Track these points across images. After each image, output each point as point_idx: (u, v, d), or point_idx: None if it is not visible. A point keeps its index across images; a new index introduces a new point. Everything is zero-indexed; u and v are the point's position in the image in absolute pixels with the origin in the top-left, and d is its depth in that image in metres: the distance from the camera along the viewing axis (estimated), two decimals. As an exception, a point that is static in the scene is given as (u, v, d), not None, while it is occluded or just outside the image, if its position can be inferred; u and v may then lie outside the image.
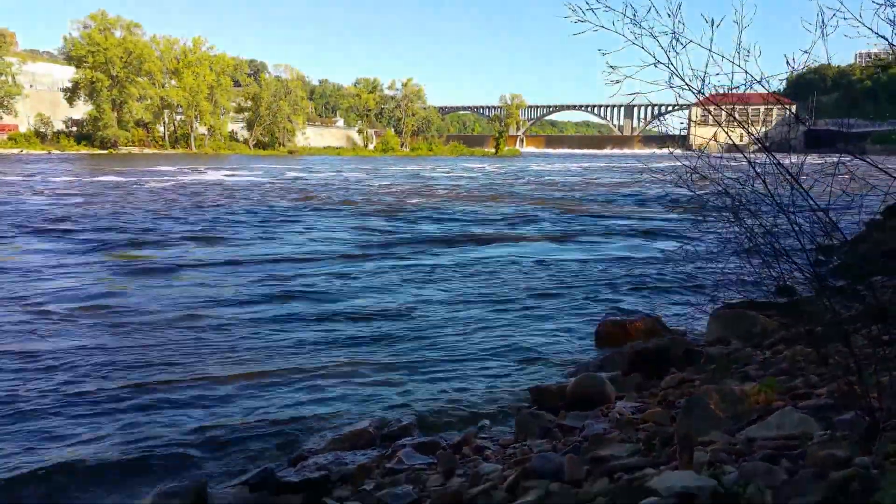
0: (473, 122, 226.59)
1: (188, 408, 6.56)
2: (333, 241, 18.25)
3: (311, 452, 5.49)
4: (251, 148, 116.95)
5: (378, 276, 13.28)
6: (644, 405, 5.32)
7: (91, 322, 9.66)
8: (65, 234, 18.70)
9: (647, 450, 4.10)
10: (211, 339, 8.87)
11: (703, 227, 4.75)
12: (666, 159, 4.88)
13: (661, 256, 15.80)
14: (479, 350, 8.42)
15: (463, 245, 17.52)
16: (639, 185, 39.72)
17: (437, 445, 5.44)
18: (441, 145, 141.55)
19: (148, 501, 4.42)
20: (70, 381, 7.27)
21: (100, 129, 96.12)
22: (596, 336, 8.39)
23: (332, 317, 10.04)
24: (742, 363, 5.46)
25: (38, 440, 5.83)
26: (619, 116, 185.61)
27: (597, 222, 23.35)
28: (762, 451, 3.55)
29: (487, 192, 37.98)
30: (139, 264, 14.40)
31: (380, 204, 29.65)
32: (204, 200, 29.54)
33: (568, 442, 4.90)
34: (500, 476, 4.36)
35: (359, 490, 4.68)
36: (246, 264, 14.53)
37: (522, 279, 13.09)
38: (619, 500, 3.37)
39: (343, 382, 7.28)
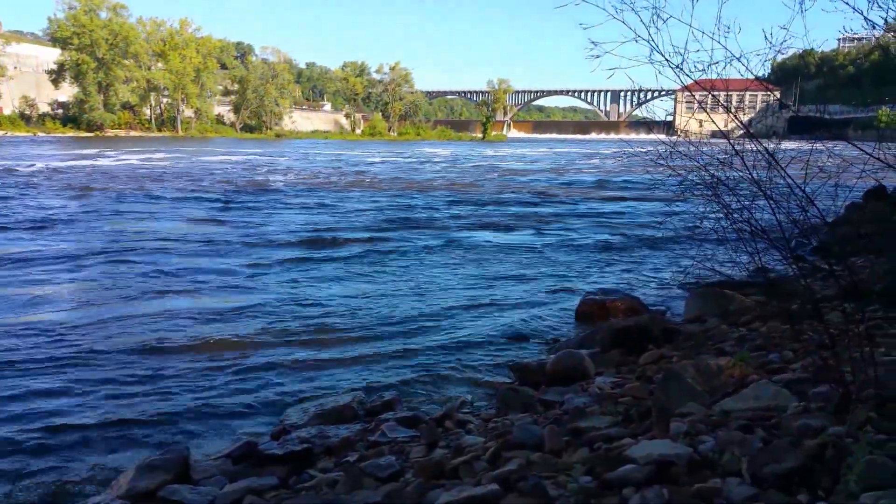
0: (461, 107, 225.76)
1: (170, 382, 6.58)
2: (307, 224, 18.19)
3: (294, 426, 5.51)
4: (238, 131, 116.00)
5: (357, 260, 13.23)
6: (623, 380, 5.39)
7: (84, 294, 9.66)
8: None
9: (626, 421, 4.17)
10: (193, 315, 8.87)
11: (683, 205, 4.80)
12: (650, 144, 4.93)
13: (640, 237, 15.91)
14: (461, 329, 8.47)
15: (439, 229, 17.49)
16: (619, 171, 39.88)
17: (419, 420, 5.48)
18: (428, 130, 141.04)
19: (131, 473, 4.42)
20: (55, 351, 7.28)
21: (86, 112, 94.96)
22: (576, 315, 8.47)
23: (314, 298, 10.04)
24: (718, 339, 5.54)
25: (22, 408, 5.84)
26: (606, 102, 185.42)
27: (574, 207, 23.42)
28: (738, 422, 3.62)
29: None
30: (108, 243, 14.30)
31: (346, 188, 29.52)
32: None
33: (548, 415, 4.97)
34: (483, 447, 4.41)
35: (342, 461, 4.72)
36: (234, 244, 14.48)
37: (502, 261, 13.16)
38: (598, 468, 3.43)
39: (326, 360, 7.31)
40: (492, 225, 18.40)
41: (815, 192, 3.87)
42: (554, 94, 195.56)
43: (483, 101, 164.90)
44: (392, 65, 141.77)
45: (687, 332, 6.20)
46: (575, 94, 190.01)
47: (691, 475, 3.17)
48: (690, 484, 3.07)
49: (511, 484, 3.63)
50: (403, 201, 23.97)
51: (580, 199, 25.44)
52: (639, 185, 30.11)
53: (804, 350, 4.24)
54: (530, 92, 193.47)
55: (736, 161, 4.16)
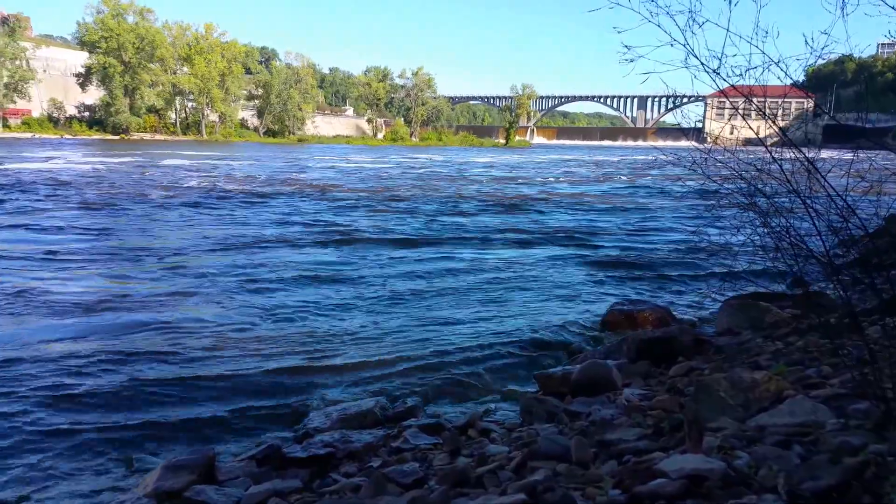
0: (484, 113, 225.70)
1: (194, 384, 6.58)
2: (339, 228, 18.23)
3: (317, 430, 5.49)
4: (261, 135, 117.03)
5: (382, 265, 13.20)
6: (651, 392, 5.29)
7: (111, 295, 9.74)
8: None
9: (656, 434, 4.08)
10: (217, 319, 8.89)
11: (717, 214, 4.70)
12: (684, 152, 4.83)
13: (669, 247, 15.71)
14: (484, 337, 8.39)
15: (467, 237, 17.39)
16: (644, 178, 39.54)
17: (442, 427, 5.43)
18: (450, 135, 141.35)
19: (157, 473, 4.44)
20: (80, 349, 7.32)
21: (112, 115, 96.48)
22: (602, 325, 8.36)
23: (337, 301, 10.03)
24: (753, 353, 5.42)
25: (47, 407, 5.87)
26: (633, 108, 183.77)
27: (600, 215, 23.23)
28: (774, 437, 3.52)
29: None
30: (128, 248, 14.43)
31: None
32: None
33: (574, 426, 4.88)
34: (507, 457, 4.34)
35: (365, 467, 4.68)
36: (255, 248, 14.54)
37: (527, 269, 13.05)
38: (628, 481, 3.35)
39: (349, 364, 7.28)
40: (519, 231, 18.29)
41: (855, 203, 3.77)
42: (579, 99, 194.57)
43: (507, 107, 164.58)
44: (415, 70, 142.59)
45: (719, 345, 6.07)
46: (601, 99, 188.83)
47: (725, 491, 3.09)
48: (724, 500, 2.99)
49: (538, 494, 3.56)
50: (440, 208, 23.95)
51: (606, 208, 25.20)
52: (670, 193, 29.92)
53: (843, 365, 4.12)
54: (555, 97, 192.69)
55: (773, 169, 4.06)
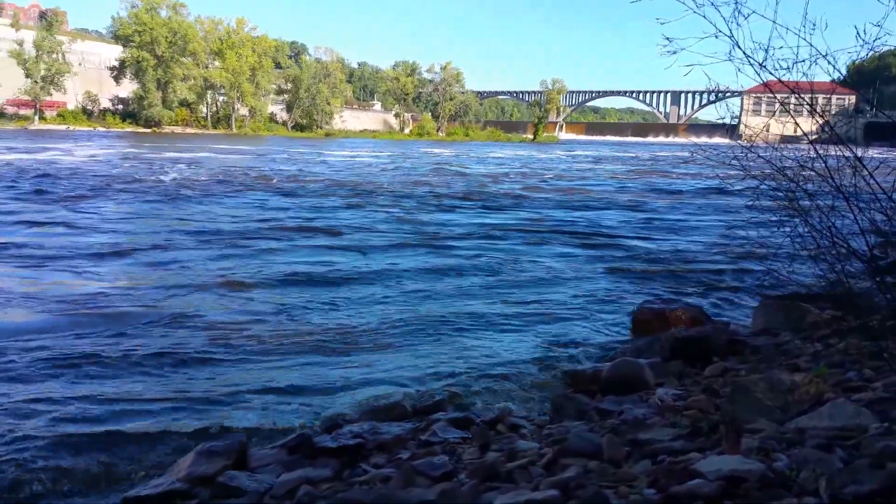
0: (512, 108, 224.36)
1: (228, 372, 6.69)
2: (371, 227, 18.29)
3: (347, 421, 5.51)
4: (289, 130, 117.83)
5: (405, 262, 13.16)
6: (686, 393, 5.21)
7: (141, 283, 9.89)
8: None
9: (692, 435, 4.01)
10: (248, 309, 8.98)
11: (756, 212, 4.62)
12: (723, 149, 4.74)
13: (702, 246, 15.51)
14: (512, 333, 8.38)
15: (484, 236, 17.33)
16: (675, 175, 39.08)
17: (471, 421, 5.41)
18: (478, 130, 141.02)
19: (191, 458, 4.49)
20: (114, 339, 7.43)
21: (144, 108, 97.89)
22: (632, 323, 8.22)
23: (362, 298, 10.06)
24: (791, 355, 5.31)
25: (81, 394, 5.96)
26: (666, 103, 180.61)
27: (634, 213, 23.01)
28: (814, 440, 3.45)
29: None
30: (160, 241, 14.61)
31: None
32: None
33: (605, 425, 4.83)
34: (538, 453, 4.31)
35: (394, 458, 4.68)
36: (287, 240, 14.66)
37: (557, 265, 12.97)
38: (663, 481, 3.30)
39: (378, 357, 7.32)
40: (545, 230, 18.20)
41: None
42: (611, 94, 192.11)
43: (535, 102, 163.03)
44: (443, 64, 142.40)
45: (755, 345, 5.96)
46: (633, 94, 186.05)
47: (763, 493, 3.03)
48: (763, 502, 2.93)
49: (570, 491, 3.52)
50: (458, 203, 23.92)
51: (638, 204, 24.94)
52: (702, 191, 29.59)
53: (887, 368, 4.02)
54: (586, 92, 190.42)
55: (815, 166, 3.98)
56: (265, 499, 4.17)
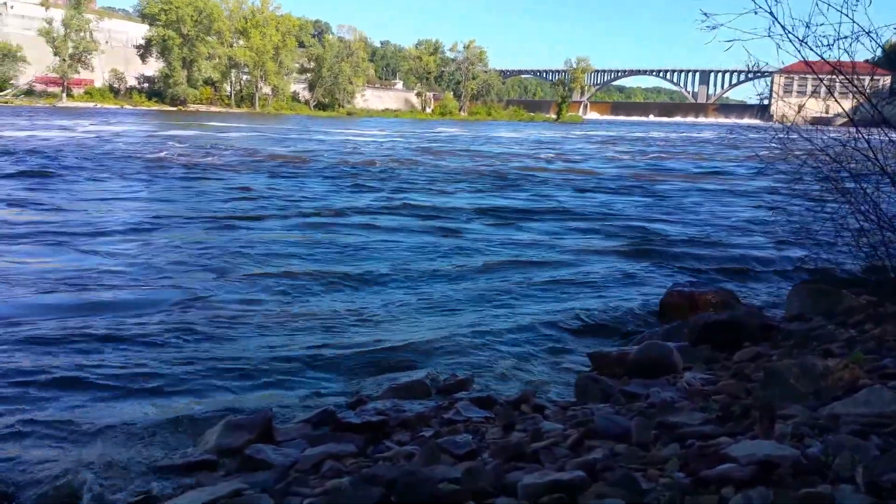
0: (535, 87, 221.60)
1: (249, 349, 6.71)
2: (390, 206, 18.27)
3: (370, 398, 5.52)
4: (311, 108, 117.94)
5: (429, 242, 13.06)
6: (715, 377, 5.13)
7: (156, 261, 9.95)
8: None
9: (722, 419, 3.95)
10: (272, 283, 9.01)
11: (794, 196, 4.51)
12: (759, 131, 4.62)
13: (739, 228, 15.26)
14: (536, 313, 8.29)
15: (512, 213, 17.20)
16: (705, 157, 38.49)
17: (494, 401, 5.38)
18: (500, 110, 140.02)
19: (218, 430, 4.54)
20: (134, 317, 7.47)
21: (170, 87, 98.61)
22: (661, 306, 8.11)
23: (383, 276, 10.04)
24: (824, 340, 5.20)
25: (107, 371, 5.99)
26: (694, 83, 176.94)
27: (655, 191, 22.72)
28: (849, 427, 3.37)
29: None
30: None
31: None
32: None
33: (632, 408, 4.77)
34: (562, 434, 4.27)
35: (418, 436, 4.68)
36: (311, 216, 14.69)
37: (582, 246, 12.85)
38: (693, 465, 3.24)
39: (400, 334, 7.30)
40: (568, 212, 18.05)
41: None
42: (637, 73, 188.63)
43: (560, 81, 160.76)
44: (466, 43, 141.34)
45: (787, 331, 5.84)
46: (660, 74, 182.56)
47: (797, 479, 2.96)
48: (796, 488, 2.86)
49: (597, 473, 3.48)
50: (478, 185, 23.79)
51: (661, 189, 24.61)
52: (734, 172, 29.19)
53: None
54: (611, 71, 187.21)
55: (855, 147, 3.85)
56: (290, 472, 4.19)
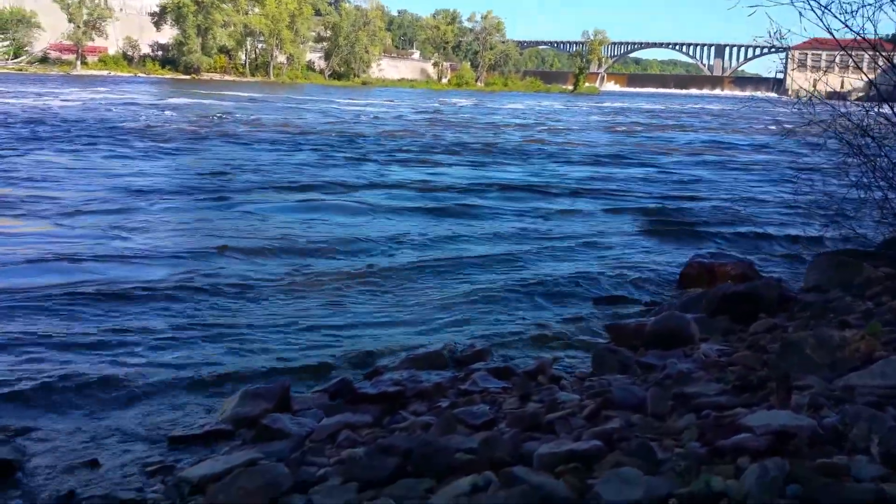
0: (553, 58, 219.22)
1: (262, 318, 6.75)
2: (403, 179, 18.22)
3: (386, 369, 5.57)
4: (326, 78, 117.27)
5: (446, 211, 13.08)
6: (731, 349, 5.13)
7: (180, 227, 10.04)
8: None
9: (738, 390, 3.96)
10: (277, 256, 9.12)
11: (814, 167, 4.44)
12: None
13: (759, 200, 15.12)
14: (554, 285, 8.30)
15: (534, 185, 17.09)
16: (724, 129, 37.96)
17: (511, 371, 5.42)
18: (517, 81, 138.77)
19: (235, 400, 4.59)
20: (145, 282, 7.55)
21: (184, 55, 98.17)
22: (680, 278, 8.09)
23: (398, 244, 10.12)
24: (841, 312, 5.18)
25: (125, 339, 6.07)
26: (710, 56, 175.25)
27: (669, 163, 22.46)
28: (865, 398, 3.37)
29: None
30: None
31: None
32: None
33: (649, 379, 4.79)
34: (579, 405, 4.30)
35: (434, 406, 4.72)
36: (328, 184, 14.72)
37: (603, 219, 12.79)
38: (709, 435, 3.27)
39: (417, 306, 7.34)
40: (598, 178, 17.92)
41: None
42: (653, 46, 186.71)
43: (577, 53, 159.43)
44: (484, 13, 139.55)
45: (805, 302, 5.81)
46: (676, 46, 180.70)
47: (813, 449, 2.98)
48: (812, 458, 2.88)
49: (613, 442, 3.52)
50: (492, 156, 23.64)
51: (679, 160, 24.34)
52: (752, 144, 28.79)
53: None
54: (628, 43, 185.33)
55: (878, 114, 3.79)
56: (306, 442, 4.25)
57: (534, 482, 3.16)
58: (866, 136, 3.69)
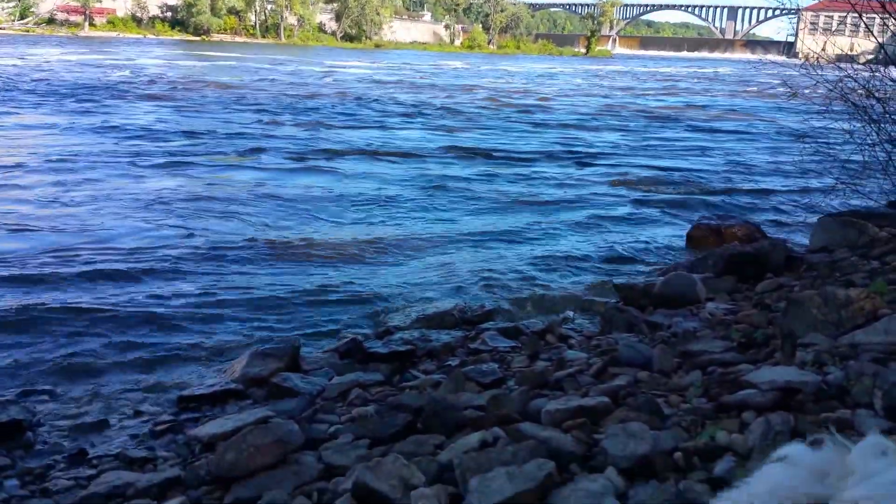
0: (565, 21, 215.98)
1: (272, 280, 6.80)
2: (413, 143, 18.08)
3: (397, 328, 5.62)
4: (338, 40, 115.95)
5: (458, 176, 12.97)
6: (737, 307, 5.16)
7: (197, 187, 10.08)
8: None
9: (743, 347, 4.00)
10: (303, 215, 9.12)
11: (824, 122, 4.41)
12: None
13: (764, 161, 14.98)
14: (564, 247, 8.33)
15: (548, 150, 16.94)
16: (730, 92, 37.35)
17: (520, 331, 5.48)
18: (529, 44, 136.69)
19: (244, 360, 4.64)
20: (149, 251, 7.53)
21: (193, 16, 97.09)
22: (687, 239, 8.11)
23: (411, 209, 10.12)
24: (846, 271, 5.18)
25: (139, 300, 6.14)
26: (722, 18, 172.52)
27: (683, 127, 22.18)
28: (869, 355, 3.39)
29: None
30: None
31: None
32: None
33: (655, 337, 4.84)
34: (586, 362, 4.36)
35: (444, 365, 4.79)
36: (335, 151, 14.67)
37: (616, 176, 12.74)
38: (715, 390, 3.31)
39: (429, 267, 7.39)
40: (608, 143, 17.73)
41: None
42: (666, 8, 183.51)
43: (589, 15, 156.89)
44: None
45: (811, 262, 5.82)
46: (688, 9, 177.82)
47: (817, 405, 3.02)
48: (816, 413, 2.92)
49: (620, 399, 3.57)
50: (500, 123, 23.39)
51: (696, 120, 23.98)
52: (762, 108, 28.34)
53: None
54: (640, 6, 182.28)
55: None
56: (317, 400, 4.32)
57: (541, 437, 3.23)
58: (871, 97, 3.65)
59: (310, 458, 3.53)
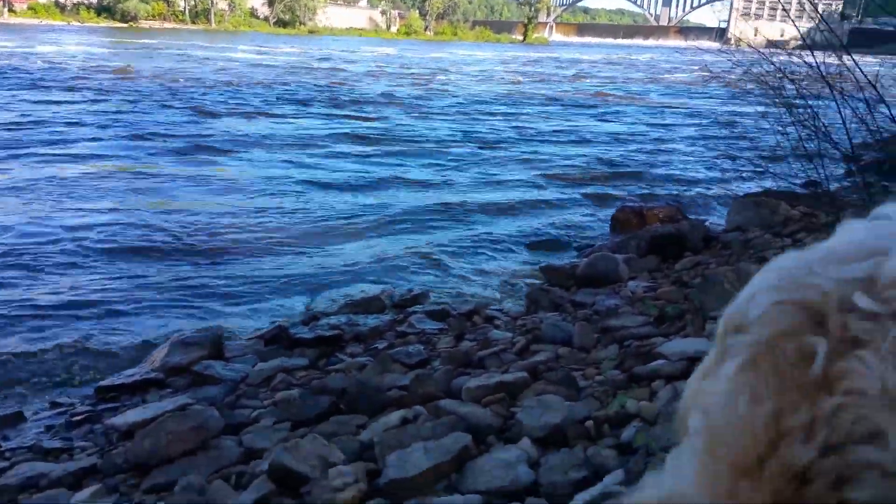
0: (502, 6, 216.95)
1: (204, 265, 6.68)
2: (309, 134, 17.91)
3: (324, 314, 5.59)
4: (271, 25, 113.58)
5: (359, 165, 12.56)
6: (656, 285, 5.32)
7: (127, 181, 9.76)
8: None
9: (658, 322, 4.13)
10: (231, 204, 8.93)
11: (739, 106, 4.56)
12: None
13: (682, 144, 15.39)
14: (491, 230, 8.39)
15: (475, 130, 16.99)
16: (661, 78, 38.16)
17: (447, 313, 5.51)
18: (466, 30, 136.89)
19: (165, 349, 4.54)
20: (79, 238, 7.31)
21: (120, 2, 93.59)
22: (612, 221, 8.28)
23: (349, 189, 10.06)
24: (760, 249, 5.41)
25: (61, 289, 5.95)
26: (657, 5, 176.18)
27: (600, 114, 22.49)
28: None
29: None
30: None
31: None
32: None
33: (578, 315, 4.95)
34: (510, 341, 4.43)
35: (371, 348, 4.79)
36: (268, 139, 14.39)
37: (538, 163, 12.87)
38: (629, 362, 3.42)
39: (357, 252, 7.34)
40: (531, 128, 17.87)
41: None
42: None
43: (526, 1, 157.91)
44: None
45: (726, 241, 6.05)
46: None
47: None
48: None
49: (539, 374, 3.65)
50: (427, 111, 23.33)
51: (619, 105, 24.41)
52: (688, 92, 28.96)
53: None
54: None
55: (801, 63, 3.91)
56: (240, 386, 4.27)
57: (461, 413, 3.27)
58: (785, 79, 3.80)
59: (230, 443, 3.50)
